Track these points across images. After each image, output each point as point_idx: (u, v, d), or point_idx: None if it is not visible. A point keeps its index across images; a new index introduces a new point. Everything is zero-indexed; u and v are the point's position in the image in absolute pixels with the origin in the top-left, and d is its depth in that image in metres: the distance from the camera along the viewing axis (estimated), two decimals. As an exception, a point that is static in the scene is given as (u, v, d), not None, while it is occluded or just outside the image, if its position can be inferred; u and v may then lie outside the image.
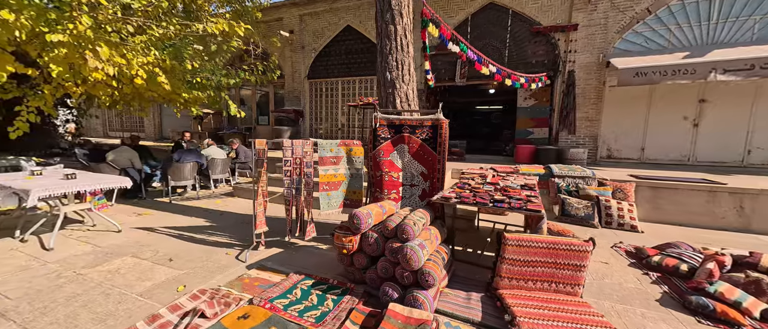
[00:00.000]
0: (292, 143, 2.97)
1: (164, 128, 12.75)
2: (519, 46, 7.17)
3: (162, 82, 4.17)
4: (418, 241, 2.07)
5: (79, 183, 3.08)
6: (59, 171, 3.67)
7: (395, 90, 2.92)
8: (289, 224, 3.09)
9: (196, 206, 4.82)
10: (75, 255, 2.87)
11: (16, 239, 3.17)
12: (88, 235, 3.39)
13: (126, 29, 3.93)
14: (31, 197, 2.74)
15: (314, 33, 9.39)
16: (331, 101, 9.74)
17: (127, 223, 3.78)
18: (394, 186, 2.96)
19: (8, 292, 2.22)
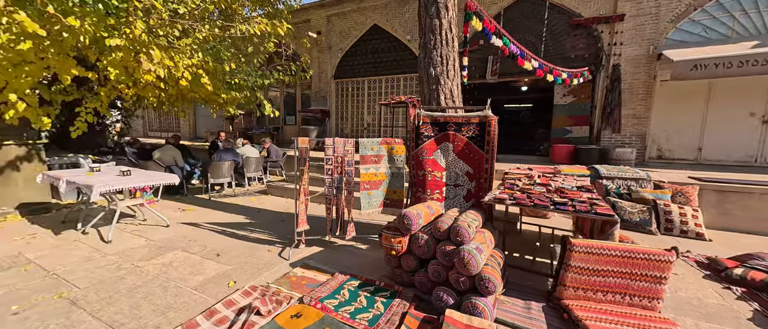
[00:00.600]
0: (334, 141, 2.94)
1: (199, 128, 13.40)
2: (556, 41, 6.78)
3: (205, 83, 4.32)
4: (475, 245, 1.95)
5: (133, 180, 3.25)
6: (114, 168, 3.90)
7: (439, 86, 2.82)
8: (329, 223, 3.07)
9: (234, 203, 4.97)
10: (131, 248, 3.02)
11: (78, 231, 3.40)
12: (140, 229, 3.57)
13: (173, 33, 4.10)
14: (94, 193, 2.91)
15: (341, 33, 9.46)
16: (356, 100, 9.76)
17: (173, 218, 3.95)
18: (437, 186, 2.86)
19: (76, 281, 2.35)
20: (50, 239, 3.17)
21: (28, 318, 1.90)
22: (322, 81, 10.00)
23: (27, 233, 3.29)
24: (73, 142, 5.42)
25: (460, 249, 1.92)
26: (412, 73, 8.61)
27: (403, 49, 8.60)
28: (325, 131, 10.04)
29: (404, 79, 8.87)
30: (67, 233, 3.35)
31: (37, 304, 2.03)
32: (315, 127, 9.59)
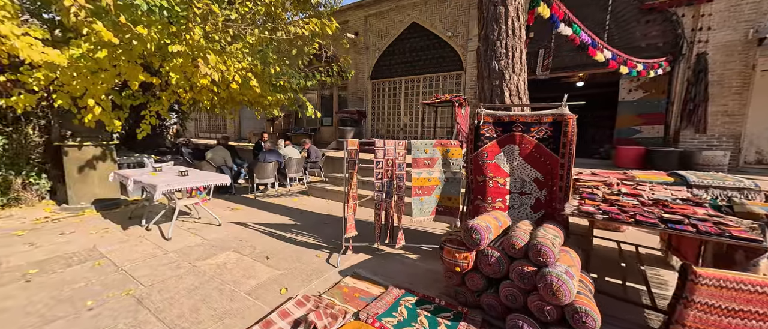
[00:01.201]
0: (384, 143, 2.77)
1: (243, 130, 14.19)
2: (622, 28, 6.00)
3: (253, 85, 4.42)
4: (563, 268, 1.64)
5: (190, 180, 3.37)
6: (173, 168, 4.13)
7: (503, 82, 2.51)
8: (378, 229, 2.90)
9: (278, 203, 5.05)
10: (188, 246, 3.11)
11: (143, 227, 3.61)
12: (195, 227, 3.71)
13: (225, 38, 4.24)
14: (157, 192, 3.04)
15: (378, 33, 9.36)
16: (393, 100, 9.60)
17: (223, 217, 4.06)
18: (499, 193, 2.55)
19: (141, 279, 2.44)
20: (119, 233, 3.40)
21: (100, 315, 1.96)
22: (358, 82, 10.00)
23: (100, 227, 3.57)
24: (137, 143, 5.92)
25: (545, 273, 1.62)
26: (452, 71, 8.24)
27: (443, 47, 8.25)
28: (361, 132, 10.01)
29: (443, 78, 8.51)
30: (133, 228, 3.58)
31: (108, 301, 2.11)
32: (351, 128, 9.60)
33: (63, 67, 3.29)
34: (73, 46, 3.66)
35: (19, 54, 3.01)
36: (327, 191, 5.44)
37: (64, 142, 4.15)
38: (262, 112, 6.21)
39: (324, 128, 11.55)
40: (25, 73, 3.51)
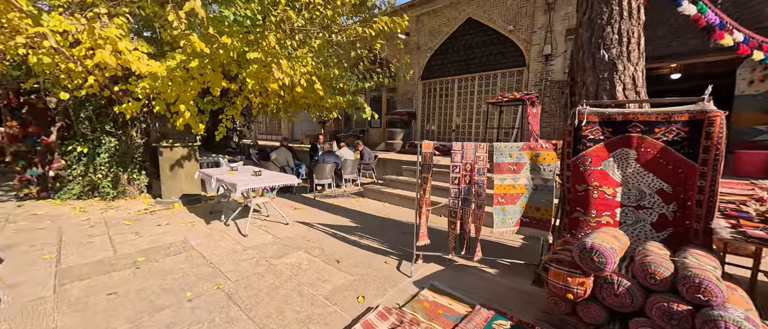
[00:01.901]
0: (463, 146, 2.54)
1: (295, 131, 15.03)
2: (742, 7, 4.89)
3: (318, 88, 4.53)
4: (741, 313, 1.25)
5: (264, 180, 3.52)
6: (247, 168, 4.41)
7: (615, 73, 2.11)
8: (452, 239, 2.68)
9: (336, 204, 5.11)
10: (263, 243, 3.25)
11: (222, 223, 3.90)
12: (265, 225, 3.89)
13: (292, 44, 4.41)
14: (238, 190, 3.23)
15: (430, 32, 9.10)
16: (445, 100, 9.25)
17: (289, 216, 4.20)
18: (606, 206, 2.15)
19: (228, 273, 2.56)
20: (203, 227, 3.70)
21: (198, 307, 2.07)
22: (408, 82, 9.83)
23: (188, 221, 3.93)
24: (212, 144, 6.53)
25: (715, 317, 1.25)
26: (512, 67, 7.63)
27: (502, 42, 7.68)
28: (411, 134, 9.84)
29: (502, 76, 7.93)
30: (214, 223, 3.88)
31: (203, 294, 2.24)
32: (401, 129, 9.50)
33: (162, 77, 3.69)
34: (169, 58, 4.11)
35: (131, 66, 3.44)
36: (382, 194, 5.37)
37: (160, 143, 4.70)
38: (317, 114, 6.42)
39: (372, 130, 11.63)
40: (133, 83, 4.04)
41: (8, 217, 3.90)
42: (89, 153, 4.68)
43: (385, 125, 11.17)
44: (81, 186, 4.71)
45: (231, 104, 5.22)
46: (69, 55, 3.35)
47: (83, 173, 4.71)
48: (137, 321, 1.92)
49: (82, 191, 4.72)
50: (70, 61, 3.43)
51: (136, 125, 5.06)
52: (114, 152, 4.84)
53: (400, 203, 5.06)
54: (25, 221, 3.73)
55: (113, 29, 3.26)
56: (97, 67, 3.63)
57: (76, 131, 4.74)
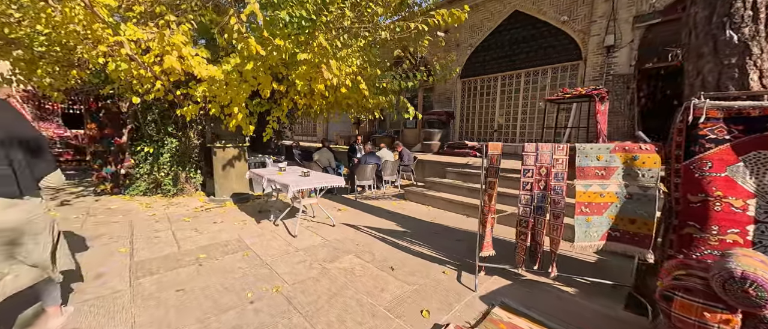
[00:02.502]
0: (538, 147, 2.26)
1: (329, 132, 15.33)
2: None
3: (363, 89, 4.45)
4: None
5: (313, 181, 3.50)
6: (295, 169, 4.46)
7: (746, 59, 1.71)
8: (522, 251, 2.40)
9: (378, 206, 5.00)
10: (313, 245, 3.21)
11: (271, 222, 3.97)
12: (313, 226, 3.88)
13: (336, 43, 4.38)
14: (290, 191, 3.23)
15: (472, 28, 8.70)
16: (486, 99, 8.79)
17: (333, 217, 4.15)
18: (734, 222, 1.75)
19: (284, 276, 2.54)
20: (255, 227, 3.78)
21: (261, 310, 2.04)
22: (446, 81, 9.52)
23: (239, 219, 4.05)
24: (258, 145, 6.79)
25: None
26: (565, 62, 7.01)
27: (554, 35, 7.09)
28: (448, 134, 9.50)
29: (553, 71, 7.32)
30: (264, 222, 3.95)
31: (263, 296, 2.21)
32: (438, 130, 9.20)
33: (218, 81, 3.85)
34: (224, 63, 4.30)
35: (192, 70, 3.62)
36: (425, 197, 5.16)
37: (214, 144, 4.94)
38: (353, 115, 6.40)
39: (407, 130, 11.44)
40: (192, 87, 4.27)
41: (89, 210, 4.32)
42: (154, 153, 5.06)
43: (420, 125, 10.94)
44: (147, 184, 5.11)
45: (277, 105, 5.36)
46: (141, 62, 3.61)
47: (149, 172, 5.11)
48: (205, 320, 1.93)
49: (148, 188, 5.12)
50: (142, 67, 3.70)
51: (194, 126, 5.39)
52: (174, 152, 5.19)
53: (445, 207, 4.82)
54: (102, 215, 4.10)
55: (179, 36, 3.45)
56: (164, 72, 3.89)
57: (144, 132, 5.15)
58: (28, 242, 1.57)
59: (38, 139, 1.59)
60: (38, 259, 1.61)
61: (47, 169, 1.62)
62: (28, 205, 1.55)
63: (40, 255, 1.62)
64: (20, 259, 1.56)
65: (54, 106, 9.59)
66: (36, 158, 1.56)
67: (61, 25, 3.54)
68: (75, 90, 5.17)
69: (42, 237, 1.63)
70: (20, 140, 1.50)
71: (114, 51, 3.30)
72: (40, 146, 1.59)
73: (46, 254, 1.65)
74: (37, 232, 1.60)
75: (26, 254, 1.57)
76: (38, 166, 1.57)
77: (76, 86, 4.98)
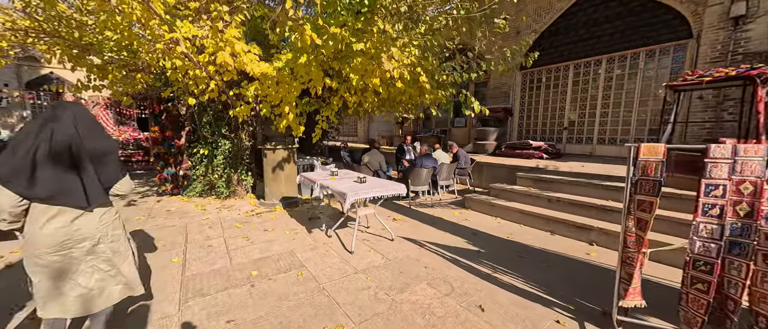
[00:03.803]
0: (735, 150, 1.46)
1: (371, 132, 15.03)
2: None
3: (423, 82, 3.88)
4: None
5: (373, 189, 3.02)
6: (348, 173, 4.05)
7: None
8: (699, 308, 1.61)
9: (438, 216, 4.38)
10: (373, 265, 2.73)
11: (322, 232, 3.59)
12: (368, 239, 3.41)
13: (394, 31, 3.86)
14: (348, 201, 2.79)
15: (536, 12, 7.61)
16: (553, 92, 7.64)
17: (390, 228, 3.63)
18: None
19: (346, 307, 2.07)
20: (307, 238, 3.42)
21: (325, 363, 1.58)
22: (503, 74, 8.51)
23: (290, 228, 3.75)
24: (305, 146, 6.61)
25: None
26: (667, 42, 5.67)
27: (651, 9, 5.78)
28: (505, 133, 8.50)
29: (647, 55, 6.01)
30: (315, 232, 3.59)
31: (327, 340, 1.76)
32: (494, 128, 8.26)
33: (270, 78, 3.58)
34: (275, 60, 4.05)
35: (245, 67, 3.38)
36: (493, 207, 4.40)
37: (265, 146, 4.77)
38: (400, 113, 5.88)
39: (455, 130, 10.60)
40: (244, 87, 4.09)
41: (150, 211, 4.39)
42: (209, 155, 5.07)
43: (470, 124, 10.04)
44: (202, 185, 5.14)
45: (326, 104, 5.03)
46: (196, 61, 3.48)
47: (204, 173, 5.13)
48: (259, 374, 1.52)
49: (203, 190, 5.15)
50: (197, 67, 3.57)
51: (245, 128, 5.31)
52: (227, 154, 5.14)
53: (519, 220, 4.03)
54: (162, 218, 4.10)
55: (232, 30, 3.23)
56: (217, 72, 3.74)
57: (200, 134, 5.19)
58: (107, 254, 1.50)
59: (108, 146, 1.49)
60: (126, 272, 1.57)
61: (116, 177, 1.51)
62: (98, 215, 1.47)
63: (126, 268, 1.57)
64: (104, 273, 1.50)
65: (131, 111, 10.66)
66: (105, 166, 1.46)
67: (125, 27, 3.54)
68: (141, 94, 5.40)
69: (120, 247, 1.55)
70: (90, 148, 1.40)
71: (170, 49, 3.17)
72: (110, 153, 1.49)
73: (132, 267, 1.60)
74: (114, 240, 1.53)
75: (108, 267, 1.51)
76: (107, 174, 1.47)
77: (141, 90, 5.19)
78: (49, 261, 1.35)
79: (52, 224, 1.34)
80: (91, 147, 1.40)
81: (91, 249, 1.43)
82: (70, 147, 1.34)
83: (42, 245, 1.33)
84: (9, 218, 1.32)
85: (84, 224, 1.40)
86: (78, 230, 1.39)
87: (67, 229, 1.36)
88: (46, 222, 1.33)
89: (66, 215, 1.36)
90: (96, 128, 1.46)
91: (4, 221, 1.32)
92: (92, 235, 1.43)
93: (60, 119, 1.35)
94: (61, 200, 1.34)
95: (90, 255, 1.43)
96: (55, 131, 1.32)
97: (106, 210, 1.50)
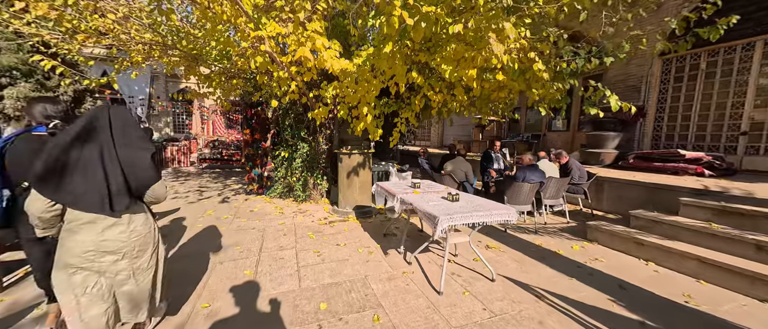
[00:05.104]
0: None
1: (445, 136, 13.97)
2: None
3: (538, 70, 2.92)
4: None
5: (475, 213, 2.25)
6: (437, 187, 3.38)
7: None
8: None
9: (547, 247, 3.30)
10: (473, 322, 1.96)
11: (400, 255, 3.00)
12: (459, 272, 2.65)
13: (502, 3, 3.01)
14: (439, 228, 2.11)
15: (692, -28, 5.52)
16: (723, 83, 5.39)
17: (486, 260, 2.77)
18: None
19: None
20: (382, 261, 2.88)
21: None
22: (630, 62, 6.53)
23: (364, 245, 3.27)
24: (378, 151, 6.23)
25: None
26: None
27: None
28: (632, 139, 6.48)
29: None
30: (392, 254, 3.03)
31: None
32: (615, 133, 6.38)
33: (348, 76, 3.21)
34: (355, 56, 3.69)
35: (325, 65, 3.07)
36: (640, 246, 3.06)
37: (340, 150, 4.50)
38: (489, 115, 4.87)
39: (554, 134, 8.81)
40: (323, 88, 3.87)
41: (237, 211, 4.59)
42: (289, 158, 5.11)
43: (575, 127, 8.15)
44: (282, 187, 5.23)
45: (406, 105, 4.48)
46: (279, 61, 3.37)
47: (284, 176, 5.21)
48: None
49: (282, 192, 5.23)
50: (280, 68, 3.47)
51: (322, 131, 5.20)
52: (305, 158, 5.10)
53: (697, 271, 2.63)
54: (245, 218, 4.19)
55: (316, 23, 2.97)
56: (299, 72, 3.59)
57: (282, 137, 5.31)
58: (126, 273, 1.45)
59: (141, 151, 1.41)
60: (135, 296, 1.49)
61: (148, 183, 1.45)
62: (128, 227, 1.43)
63: (139, 290, 1.49)
64: (131, 284, 1.46)
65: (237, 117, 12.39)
66: (136, 172, 1.40)
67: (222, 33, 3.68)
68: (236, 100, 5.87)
69: (142, 264, 1.50)
70: (122, 153, 1.36)
71: (255, 48, 3.08)
72: (142, 158, 1.41)
73: (146, 283, 1.52)
74: (139, 256, 1.48)
75: (136, 278, 1.47)
76: (138, 180, 1.42)
77: (237, 95, 5.62)
78: (71, 272, 1.32)
79: (82, 232, 1.32)
80: (123, 152, 1.35)
81: (111, 264, 1.39)
82: (101, 151, 1.30)
83: (69, 254, 1.31)
84: (40, 225, 1.31)
85: (112, 236, 1.37)
86: (104, 241, 1.35)
87: (94, 238, 1.33)
88: (77, 229, 1.31)
89: (97, 225, 1.34)
90: (131, 132, 1.40)
91: (38, 226, 1.32)
92: (117, 249, 1.39)
93: (96, 122, 1.33)
94: (83, 205, 1.29)
95: (109, 272, 1.39)
96: (89, 135, 1.29)
97: (138, 221, 1.45)
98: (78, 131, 1.28)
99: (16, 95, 4.98)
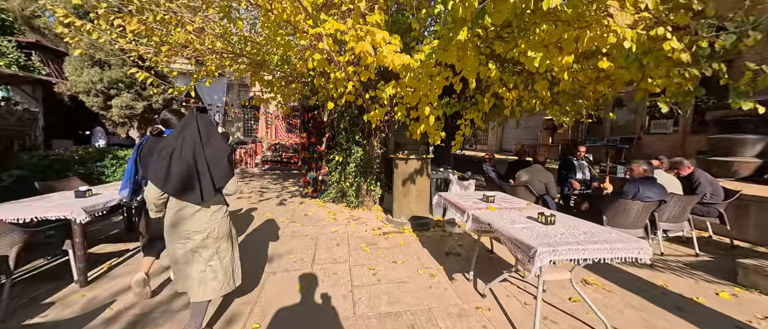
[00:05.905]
0: None
1: (506, 140, 12.69)
2: None
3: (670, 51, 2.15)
4: None
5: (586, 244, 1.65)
6: (511, 200, 2.81)
7: None
8: None
9: (673, 289, 2.42)
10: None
11: (469, 281, 2.49)
12: (555, 320, 2.04)
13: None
14: (536, 264, 1.57)
15: None
16: None
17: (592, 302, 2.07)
18: None
19: None
20: (449, 289, 2.41)
21: None
22: (784, 42, 4.83)
23: (424, 265, 2.86)
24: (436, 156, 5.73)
25: None
26: None
27: None
28: (787, 145, 4.79)
29: None
30: (459, 280, 2.54)
31: None
32: (754, 136, 4.79)
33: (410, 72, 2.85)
34: (416, 51, 3.32)
35: (385, 61, 2.77)
36: None
37: (396, 155, 4.18)
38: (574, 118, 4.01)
39: (652, 138, 7.20)
40: (380, 88, 3.58)
41: (293, 214, 4.59)
42: (343, 162, 4.97)
43: (687, 128, 6.49)
44: (335, 191, 5.12)
45: (472, 104, 3.94)
46: (337, 61, 3.20)
47: (337, 180, 5.09)
48: None
49: (336, 196, 5.12)
50: (337, 68, 3.30)
51: (377, 134, 4.95)
52: (359, 162, 4.91)
53: None
54: (299, 223, 4.14)
55: (377, 15, 2.69)
56: (356, 72, 3.38)
57: (337, 141, 5.21)
58: (211, 250, 1.70)
59: (221, 151, 1.68)
60: (223, 271, 1.74)
61: (226, 178, 1.69)
62: (211, 212, 1.69)
63: (223, 266, 1.74)
64: (206, 266, 1.69)
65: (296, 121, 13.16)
66: (218, 169, 1.65)
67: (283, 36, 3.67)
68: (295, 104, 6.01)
69: (223, 244, 1.75)
70: (208, 153, 1.63)
71: (313, 46, 2.94)
72: (222, 156, 1.68)
73: (228, 267, 1.77)
74: (219, 237, 1.72)
75: (212, 262, 1.70)
76: (219, 175, 1.66)
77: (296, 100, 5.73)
78: (176, 246, 1.65)
79: (180, 215, 1.63)
80: (210, 152, 1.64)
81: (201, 241, 1.66)
82: (193, 151, 1.59)
83: (173, 233, 1.64)
84: (154, 208, 1.66)
85: (200, 217, 1.65)
86: (196, 221, 1.64)
87: (188, 220, 1.63)
88: (176, 213, 1.64)
89: (189, 209, 1.64)
90: (214, 135, 1.68)
91: (153, 209, 1.66)
92: (204, 229, 1.66)
93: (190, 127, 1.63)
94: (184, 195, 1.60)
95: (201, 247, 1.66)
96: (185, 138, 1.60)
97: (218, 208, 1.72)
98: (177, 134, 1.61)
99: (120, 104, 5.88)
